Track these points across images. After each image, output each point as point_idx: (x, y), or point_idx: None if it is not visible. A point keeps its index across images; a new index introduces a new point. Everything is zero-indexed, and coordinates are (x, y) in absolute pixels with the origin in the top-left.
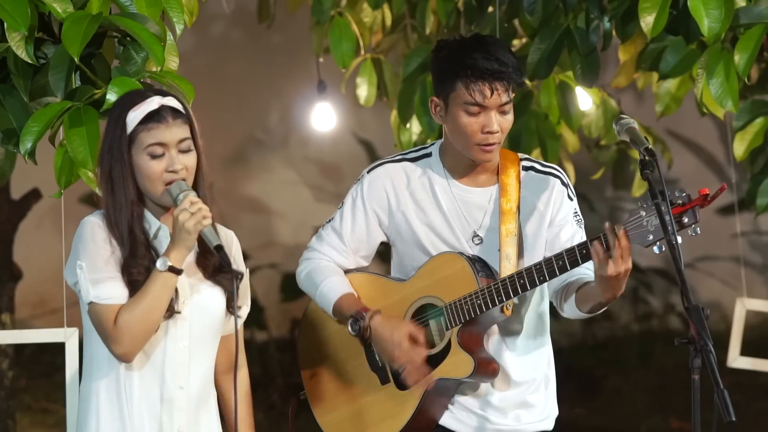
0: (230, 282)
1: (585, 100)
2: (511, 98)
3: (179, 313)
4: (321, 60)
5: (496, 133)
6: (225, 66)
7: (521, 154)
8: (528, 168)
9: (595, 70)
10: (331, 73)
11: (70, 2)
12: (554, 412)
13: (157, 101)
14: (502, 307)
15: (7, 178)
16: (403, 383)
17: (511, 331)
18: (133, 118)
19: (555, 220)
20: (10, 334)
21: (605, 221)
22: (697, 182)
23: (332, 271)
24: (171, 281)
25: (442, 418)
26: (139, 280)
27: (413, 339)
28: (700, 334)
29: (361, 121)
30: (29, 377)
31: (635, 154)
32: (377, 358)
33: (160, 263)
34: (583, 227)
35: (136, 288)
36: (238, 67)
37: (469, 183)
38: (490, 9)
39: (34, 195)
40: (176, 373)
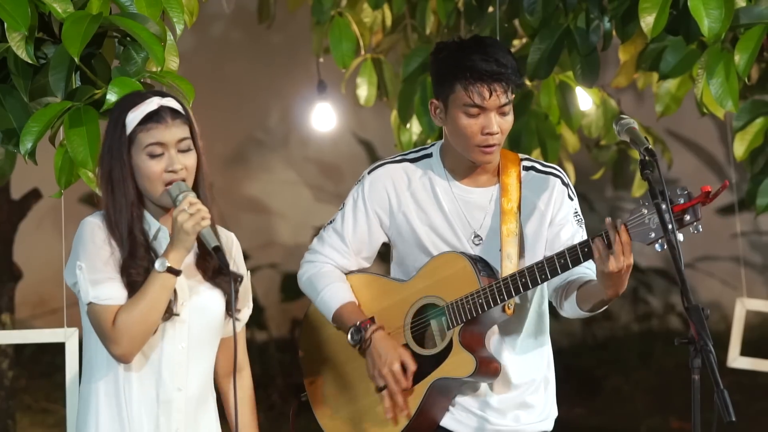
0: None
1: (585, 100)
2: (510, 99)
3: (177, 315)
4: (321, 60)
5: (496, 134)
6: (225, 66)
7: (521, 155)
8: (528, 168)
9: (595, 70)
10: (331, 73)
11: (70, 2)
12: (553, 413)
13: (156, 102)
14: (504, 307)
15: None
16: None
17: (511, 331)
18: (133, 119)
19: (555, 220)
20: (10, 334)
21: (606, 217)
22: (698, 182)
23: (334, 277)
24: (170, 282)
25: (443, 420)
26: (138, 281)
27: (404, 368)
28: (700, 334)
29: (361, 122)
30: (29, 377)
31: (635, 154)
32: None
33: (159, 264)
34: (584, 227)
35: (135, 289)
36: (238, 67)
37: (470, 183)
38: (490, 9)
39: (34, 195)
40: (174, 375)
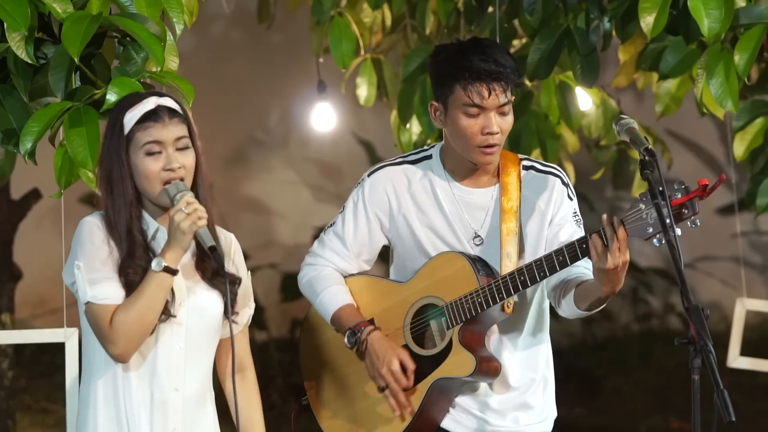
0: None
1: (585, 100)
2: (510, 99)
3: (174, 317)
4: (321, 60)
5: (496, 134)
6: (225, 66)
7: (521, 155)
8: (528, 168)
9: (595, 70)
10: (331, 73)
11: (70, 2)
12: (553, 414)
13: (153, 101)
14: (503, 305)
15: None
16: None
17: (510, 330)
18: (130, 119)
19: (555, 220)
20: (10, 334)
21: (603, 213)
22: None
23: (333, 280)
24: (166, 282)
25: (443, 421)
26: (135, 281)
27: (404, 367)
28: (700, 334)
29: (361, 122)
30: (29, 377)
31: (635, 154)
32: None
33: (155, 263)
34: (582, 227)
35: (133, 289)
36: (238, 67)
37: (470, 184)
38: (490, 9)
39: (34, 195)
40: (172, 375)
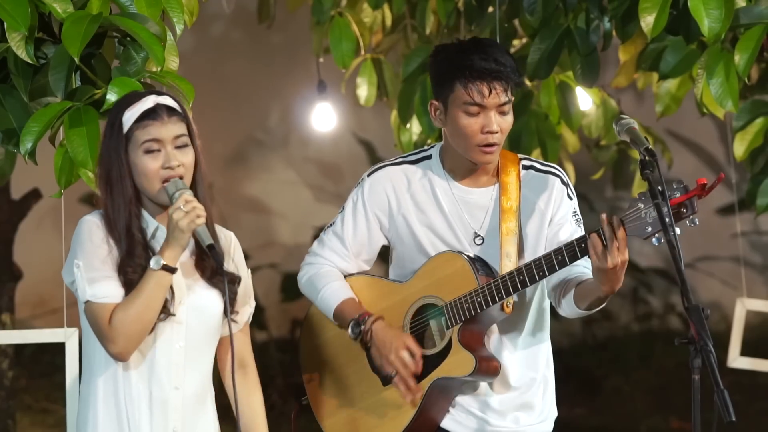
0: (229, 284)
1: (585, 100)
2: (510, 99)
3: (174, 315)
4: (321, 60)
5: (496, 133)
6: (225, 66)
7: (520, 155)
8: (528, 167)
9: (595, 70)
10: (331, 73)
11: (70, 2)
12: (553, 413)
13: (152, 100)
14: (503, 305)
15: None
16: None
17: (510, 330)
18: (129, 118)
19: (554, 219)
20: (10, 334)
21: (601, 213)
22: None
23: (333, 276)
24: (165, 280)
25: (443, 421)
26: (134, 280)
27: (411, 352)
28: (700, 334)
29: (361, 122)
30: (29, 377)
31: (635, 154)
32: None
33: (154, 262)
34: (582, 226)
35: (132, 287)
36: (238, 67)
37: (470, 184)
38: (490, 9)
39: (34, 195)
40: (172, 374)
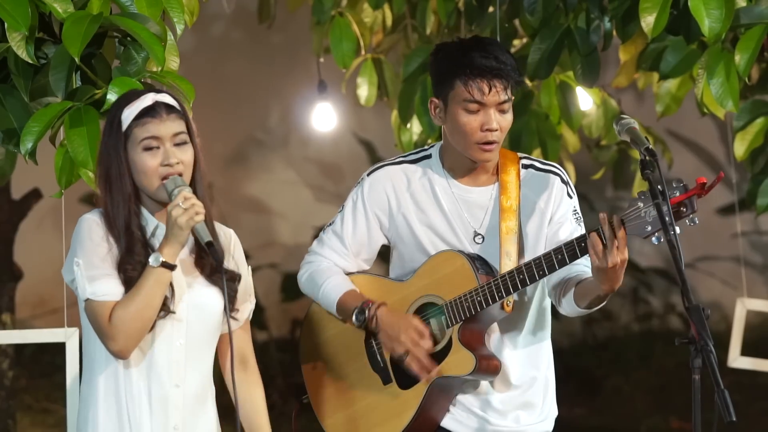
0: (229, 282)
1: (585, 100)
2: (509, 97)
3: (174, 313)
4: (321, 60)
5: (495, 131)
6: (225, 66)
7: (520, 154)
8: (528, 166)
9: (596, 70)
10: (331, 73)
11: (71, 2)
12: (553, 412)
13: (150, 97)
14: (503, 304)
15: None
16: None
17: (511, 329)
18: (128, 115)
19: (554, 218)
20: (11, 334)
21: (600, 212)
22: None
23: (333, 271)
24: (164, 277)
25: (443, 421)
26: (134, 277)
27: (419, 332)
28: (701, 334)
29: (361, 122)
30: (29, 377)
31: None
32: (379, 359)
33: (153, 259)
34: (583, 225)
35: (132, 285)
36: (239, 67)
37: (470, 183)
38: (491, 9)
39: (34, 195)
40: (173, 372)
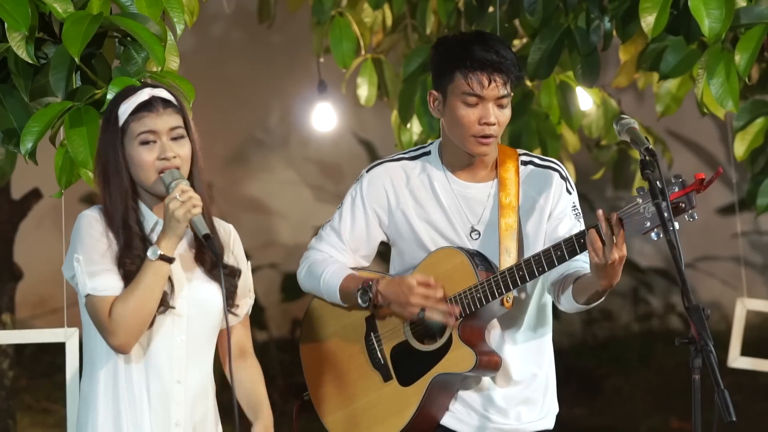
0: (229, 277)
1: (585, 100)
2: (509, 93)
3: (173, 309)
4: (321, 60)
5: (493, 125)
6: (225, 66)
7: (520, 150)
8: (527, 162)
9: (596, 70)
10: (331, 73)
11: (71, 2)
12: (554, 409)
13: (147, 92)
14: (502, 300)
15: (8, 178)
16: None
17: (511, 325)
18: (125, 110)
19: (554, 214)
20: (11, 334)
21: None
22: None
23: (331, 261)
24: (163, 270)
25: (443, 419)
26: (133, 271)
27: (424, 285)
28: (701, 334)
29: (361, 121)
30: (29, 377)
31: (636, 154)
32: (379, 355)
33: (151, 252)
34: (582, 221)
35: (131, 279)
36: (239, 67)
37: (468, 178)
38: (491, 9)
39: (34, 195)
40: (174, 367)
